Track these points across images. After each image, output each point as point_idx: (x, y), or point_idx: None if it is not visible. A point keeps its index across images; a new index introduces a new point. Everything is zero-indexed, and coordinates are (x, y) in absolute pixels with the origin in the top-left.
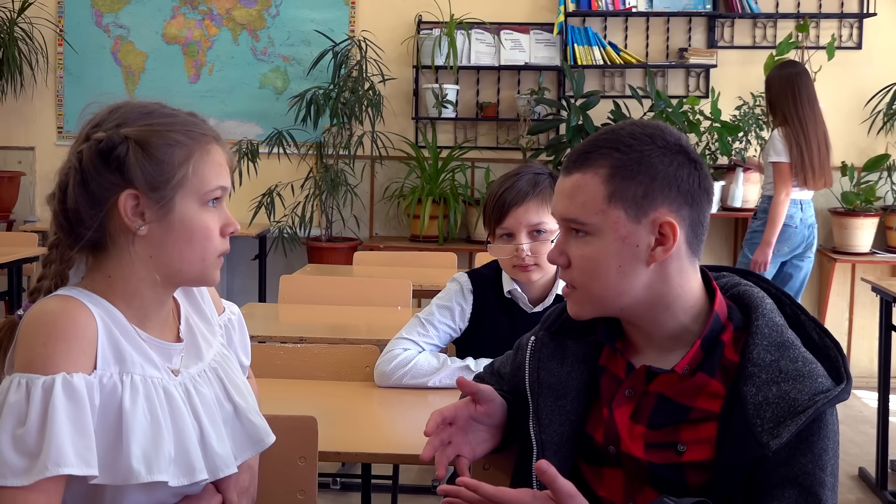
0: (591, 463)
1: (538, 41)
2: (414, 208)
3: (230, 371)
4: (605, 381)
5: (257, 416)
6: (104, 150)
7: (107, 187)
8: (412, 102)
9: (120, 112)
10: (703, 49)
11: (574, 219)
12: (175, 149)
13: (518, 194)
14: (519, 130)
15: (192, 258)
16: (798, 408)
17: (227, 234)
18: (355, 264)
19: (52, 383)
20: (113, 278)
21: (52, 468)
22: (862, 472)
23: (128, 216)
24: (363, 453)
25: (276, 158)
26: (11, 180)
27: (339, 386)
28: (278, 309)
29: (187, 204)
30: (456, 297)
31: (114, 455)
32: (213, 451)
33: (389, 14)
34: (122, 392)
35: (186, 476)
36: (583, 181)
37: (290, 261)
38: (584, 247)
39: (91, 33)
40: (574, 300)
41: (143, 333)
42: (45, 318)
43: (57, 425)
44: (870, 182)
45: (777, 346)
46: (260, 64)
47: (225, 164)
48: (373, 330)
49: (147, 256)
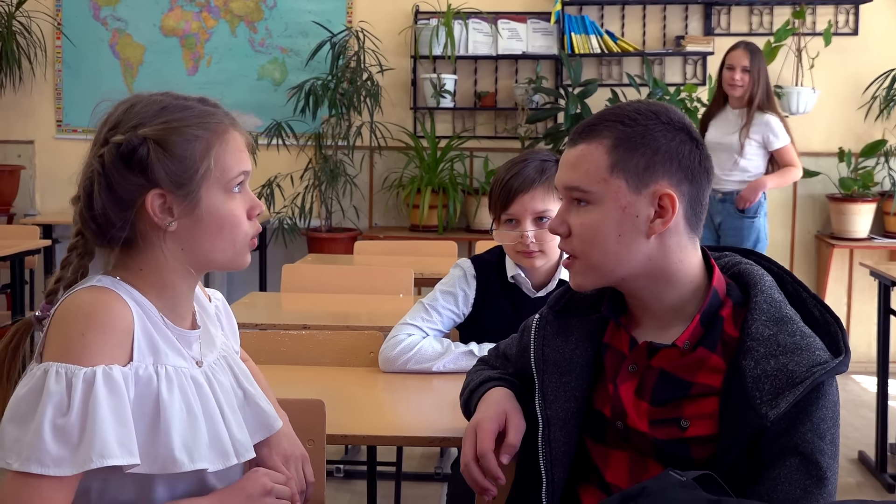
0: (598, 442)
1: (535, 30)
2: (413, 198)
3: (236, 358)
4: (609, 357)
5: (265, 401)
6: (125, 153)
7: (133, 189)
8: (410, 92)
9: (134, 111)
10: (699, 37)
11: (576, 187)
12: (194, 143)
13: (525, 181)
14: (517, 119)
15: (224, 246)
16: (796, 379)
17: (254, 216)
18: (356, 254)
19: (94, 375)
20: (144, 271)
21: (96, 460)
22: (862, 456)
23: (157, 215)
24: (369, 436)
25: (276, 150)
26: (11, 174)
27: (344, 371)
28: (281, 298)
29: (213, 194)
30: (459, 283)
31: (152, 444)
32: (235, 437)
33: (387, 4)
34: (158, 383)
35: (222, 460)
36: (587, 151)
37: (290, 251)
38: (585, 215)
39: (89, 26)
40: (575, 270)
41: (169, 323)
42: (83, 309)
43: (100, 417)
44: (867, 168)
45: (775, 320)
46: (258, 55)
47: (244, 149)
48: (375, 317)
49: (178, 249)
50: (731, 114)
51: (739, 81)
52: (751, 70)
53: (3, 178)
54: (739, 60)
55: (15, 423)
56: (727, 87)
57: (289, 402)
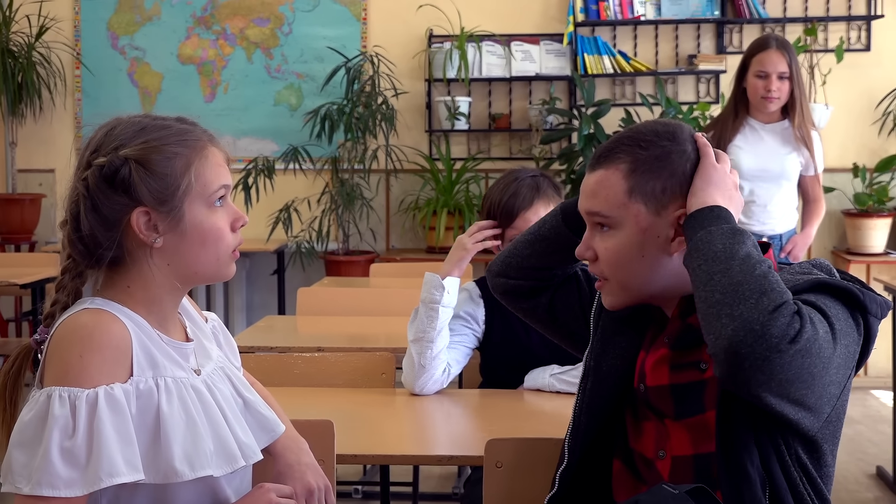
0: (634, 416)
1: (548, 52)
2: (430, 220)
3: (233, 369)
4: (652, 329)
5: (266, 408)
6: (108, 174)
7: (117, 209)
8: (425, 115)
9: (115, 133)
10: (712, 55)
11: (597, 212)
12: (174, 160)
13: (525, 199)
14: (531, 140)
15: (208, 259)
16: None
17: (238, 227)
18: (372, 276)
19: (96, 397)
20: (132, 289)
21: (105, 479)
22: (879, 471)
23: (142, 232)
24: (379, 455)
25: (293, 174)
26: (33, 202)
27: (357, 393)
28: (296, 321)
29: (196, 209)
30: (465, 305)
31: (153, 456)
32: (241, 441)
33: (401, 29)
34: (158, 395)
35: (228, 464)
36: (605, 176)
37: (308, 275)
38: (609, 240)
39: (107, 56)
40: (606, 291)
41: (164, 337)
42: (79, 332)
43: (105, 437)
44: (882, 182)
45: (802, 272)
46: (274, 81)
47: (223, 163)
48: (392, 339)
49: (165, 265)
50: (766, 132)
51: (777, 92)
52: (791, 75)
53: (25, 206)
54: (775, 65)
55: (22, 449)
56: (757, 99)
57: (298, 423)
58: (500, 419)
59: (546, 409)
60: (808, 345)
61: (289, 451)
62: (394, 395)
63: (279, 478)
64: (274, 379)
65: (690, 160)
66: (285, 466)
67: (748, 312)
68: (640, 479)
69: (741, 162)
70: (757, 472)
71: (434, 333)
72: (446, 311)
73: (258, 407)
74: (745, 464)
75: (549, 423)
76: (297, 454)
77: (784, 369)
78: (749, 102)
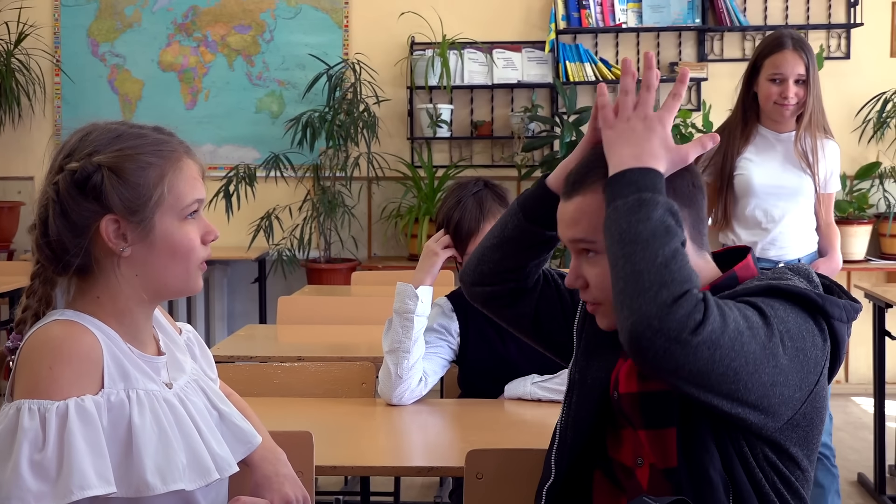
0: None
1: (530, 59)
2: (411, 228)
3: (208, 381)
4: None
5: (241, 420)
6: (79, 180)
7: (87, 216)
8: (407, 123)
9: (90, 139)
10: (693, 63)
11: (582, 239)
12: (148, 170)
13: (471, 222)
14: (513, 148)
15: (177, 272)
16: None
17: (209, 241)
18: (353, 284)
19: (66, 409)
20: (102, 299)
21: (76, 492)
22: (861, 478)
23: (111, 240)
24: (359, 466)
25: (274, 182)
26: (11, 210)
27: (337, 403)
28: (277, 330)
29: (167, 221)
30: (439, 319)
31: (125, 469)
32: (215, 454)
33: (382, 36)
34: (130, 408)
35: (202, 478)
36: (584, 203)
37: (289, 283)
38: (598, 265)
39: (87, 63)
40: (602, 314)
41: (135, 350)
42: (49, 344)
43: (76, 450)
44: (862, 190)
45: (776, 276)
46: (255, 89)
47: (198, 176)
48: (373, 348)
49: (133, 275)
50: (781, 142)
51: (794, 98)
52: (808, 79)
53: (3, 214)
54: (793, 67)
55: None
56: (770, 105)
57: (277, 435)
58: (480, 429)
59: (527, 418)
60: (713, 336)
61: (266, 463)
62: (374, 405)
63: (256, 489)
64: (253, 389)
65: None
66: (262, 478)
67: (646, 306)
68: (620, 488)
69: (752, 177)
70: (720, 476)
71: (410, 343)
72: (421, 321)
73: (234, 419)
74: (708, 469)
75: (530, 433)
76: (274, 465)
77: (689, 360)
78: (760, 109)
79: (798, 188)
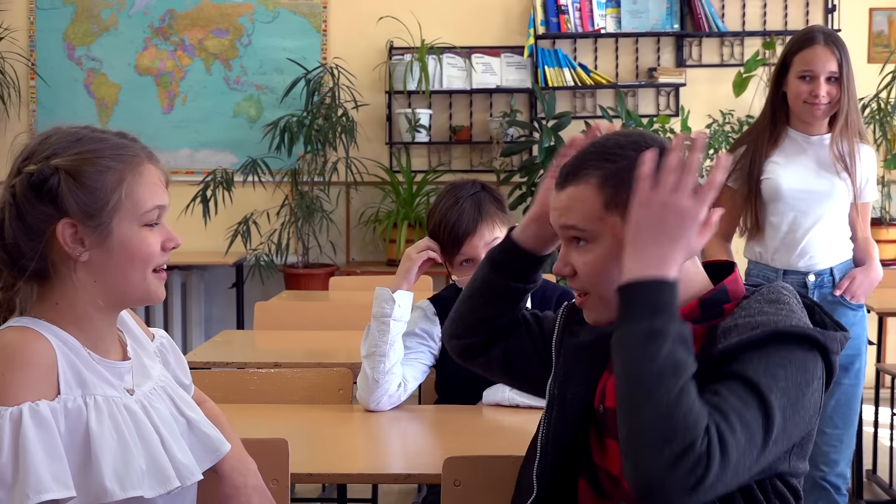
0: (598, 433)
1: (509, 64)
2: (390, 233)
3: (176, 388)
4: None
5: (210, 427)
6: (36, 182)
7: (43, 219)
8: (385, 128)
9: (50, 142)
10: (672, 68)
11: (573, 226)
12: (106, 175)
13: (469, 223)
14: (492, 153)
15: (135, 278)
16: (758, 327)
17: (169, 248)
18: (331, 289)
19: (20, 414)
20: (60, 305)
21: (33, 496)
22: None
23: (67, 244)
24: (335, 474)
25: (252, 186)
26: None
27: (313, 409)
28: (254, 335)
29: (125, 227)
30: (421, 323)
31: (84, 476)
32: (178, 461)
33: (361, 41)
34: (87, 414)
35: (161, 485)
36: (577, 192)
37: (267, 288)
38: (587, 254)
39: (63, 67)
40: (588, 306)
41: (95, 356)
42: (2, 350)
43: (31, 454)
44: None
45: (769, 301)
46: (233, 93)
47: (160, 183)
48: (351, 354)
49: (91, 281)
50: (812, 145)
51: (826, 97)
52: (841, 77)
53: None
54: (824, 64)
55: None
56: (800, 105)
57: (252, 442)
58: (458, 436)
59: (505, 424)
60: (717, 481)
61: (236, 474)
62: (351, 411)
63: (225, 501)
64: (229, 395)
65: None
66: (232, 489)
67: (650, 464)
68: (604, 496)
69: (780, 182)
70: None
71: (386, 347)
72: (398, 325)
73: (201, 426)
74: None
75: (509, 440)
76: (244, 476)
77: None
78: (790, 110)
79: (829, 193)
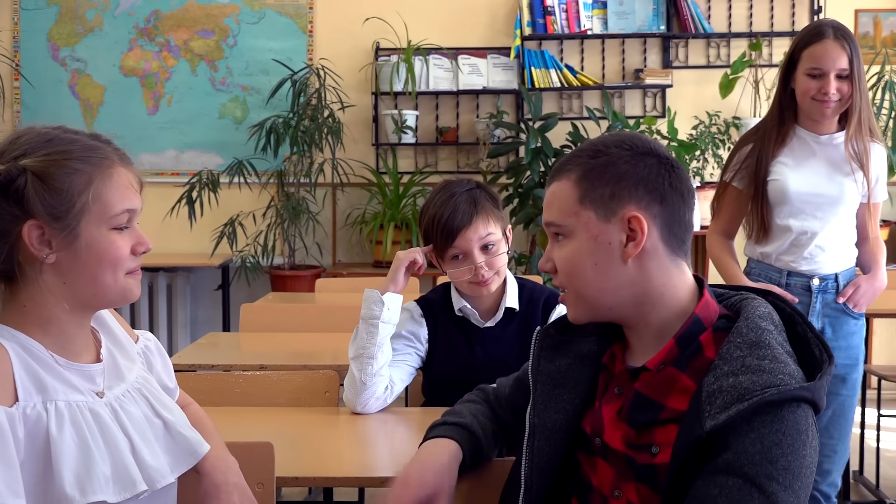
0: (587, 453)
1: (496, 65)
2: (376, 234)
3: (154, 390)
4: (604, 377)
5: (188, 429)
6: (3, 183)
7: (9, 220)
8: (372, 129)
9: (20, 142)
10: (658, 70)
11: (551, 222)
12: (74, 177)
13: (464, 216)
14: (479, 154)
15: (105, 281)
16: (745, 396)
17: (139, 252)
18: (318, 291)
19: None
20: (27, 308)
21: None
22: None
23: (34, 246)
24: (321, 477)
25: (238, 188)
26: None
27: (299, 412)
28: (240, 338)
29: (93, 230)
30: (408, 325)
31: (45, 484)
32: (147, 465)
33: (347, 42)
34: (47, 420)
35: (127, 490)
36: (558, 188)
37: (253, 290)
38: (563, 249)
39: (48, 67)
40: (568, 303)
41: (61, 360)
42: None
43: None
44: None
45: (750, 344)
46: (219, 94)
47: (131, 186)
48: (337, 356)
49: (60, 283)
50: (821, 145)
51: (835, 94)
52: (852, 73)
53: None
54: (833, 60)
55: None
56: (809, 103)
57: (237, 446)
58: None
59: None
60: None
61: (217, 471)
62: (337, 414)
63: (205, 498)
64: (214, 398)
65: (639, 165)
66: (212, 486)
67: None
68: None
69: (788, 185)
70: None
71: (374, 349)
72: (386, 327)
73: (179, 428)
74: None
75: None
76: (224, 474)
77: None
78: (798, 108)
79: (838, 197)
